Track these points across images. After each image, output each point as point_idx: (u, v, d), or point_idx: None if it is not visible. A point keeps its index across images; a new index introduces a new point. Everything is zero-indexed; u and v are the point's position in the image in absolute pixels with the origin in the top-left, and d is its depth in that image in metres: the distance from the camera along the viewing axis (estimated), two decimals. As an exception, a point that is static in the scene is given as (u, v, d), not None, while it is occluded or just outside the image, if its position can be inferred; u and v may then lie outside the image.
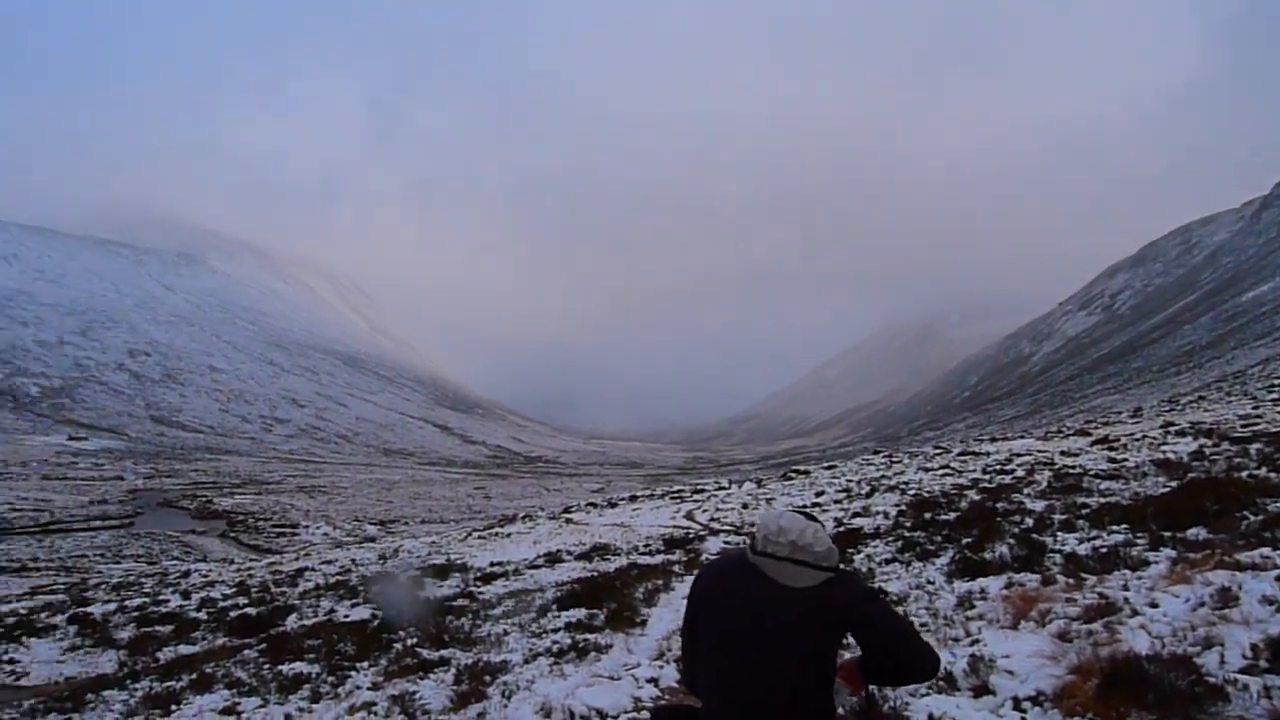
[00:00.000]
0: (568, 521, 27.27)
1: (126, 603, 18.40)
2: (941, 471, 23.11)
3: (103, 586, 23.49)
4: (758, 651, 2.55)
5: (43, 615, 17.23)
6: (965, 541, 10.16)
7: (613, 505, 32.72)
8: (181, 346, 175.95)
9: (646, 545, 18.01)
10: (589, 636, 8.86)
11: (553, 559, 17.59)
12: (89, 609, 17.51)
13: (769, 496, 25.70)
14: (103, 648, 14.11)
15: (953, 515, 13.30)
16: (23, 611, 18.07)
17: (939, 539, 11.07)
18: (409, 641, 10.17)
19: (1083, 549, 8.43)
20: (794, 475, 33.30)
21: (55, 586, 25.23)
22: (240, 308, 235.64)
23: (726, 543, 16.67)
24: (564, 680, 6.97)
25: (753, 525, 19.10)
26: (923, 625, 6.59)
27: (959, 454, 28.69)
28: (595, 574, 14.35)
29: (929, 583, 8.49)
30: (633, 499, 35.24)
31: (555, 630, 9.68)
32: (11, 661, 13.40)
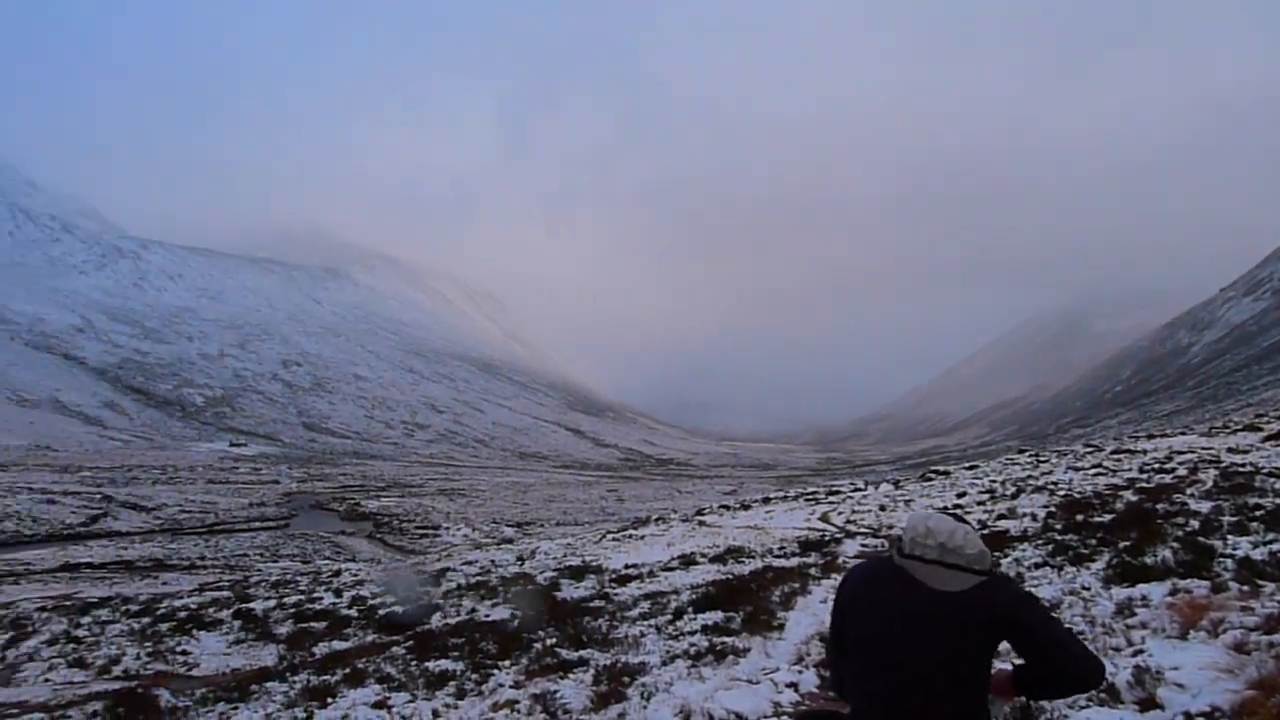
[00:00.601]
0: (700, 524, 27.18)
1: (284, 600, 19.37)
2: (1094, 471, 21.95)
3: (262, 584, 24.83)
4: (907, 656, 2.48)
5: (210, 610, 18.37)
6: (1123, 545, 9.61)
7: (746, 507, 32.45)
8: (329, 357, 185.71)
9: (781, 548, 17.72)
10: (726, 639, 8.80)
11: (687, 561, 17.53)
12: (251, 605, 18.52)
13: (907, 498, 24.97)
14: (264, 642, 15.04)
15: (1107, 517, 12.60)
16: (193, 606, 19.30)
17: (1093, 542, 10.49)
18: (548, 642, 10.36)
19: (1258, 554, 7.83)
20: (933, 476, 32.26)
21: (221, 583, 26.78)
22: (382, 318, 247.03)
23: (864, 545, 16.27)
24: (702, 683, 6.94)
25: (890, 528, 18.64)
26: (1079, 633, 6.24)
27: (1112, 452, 27.18)
28: (730, 577, 14.23)
29: (1084, 589, 8.04)
30: (766, 501, 34.88)
31: (692, 633, 9.67)
32: (184, 653, 14.49)
